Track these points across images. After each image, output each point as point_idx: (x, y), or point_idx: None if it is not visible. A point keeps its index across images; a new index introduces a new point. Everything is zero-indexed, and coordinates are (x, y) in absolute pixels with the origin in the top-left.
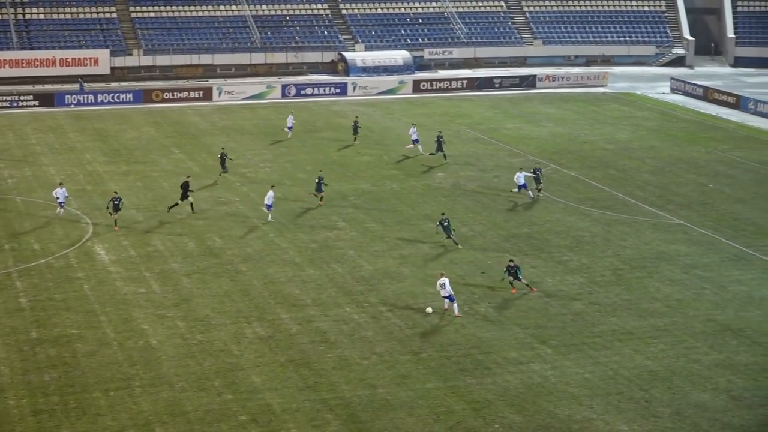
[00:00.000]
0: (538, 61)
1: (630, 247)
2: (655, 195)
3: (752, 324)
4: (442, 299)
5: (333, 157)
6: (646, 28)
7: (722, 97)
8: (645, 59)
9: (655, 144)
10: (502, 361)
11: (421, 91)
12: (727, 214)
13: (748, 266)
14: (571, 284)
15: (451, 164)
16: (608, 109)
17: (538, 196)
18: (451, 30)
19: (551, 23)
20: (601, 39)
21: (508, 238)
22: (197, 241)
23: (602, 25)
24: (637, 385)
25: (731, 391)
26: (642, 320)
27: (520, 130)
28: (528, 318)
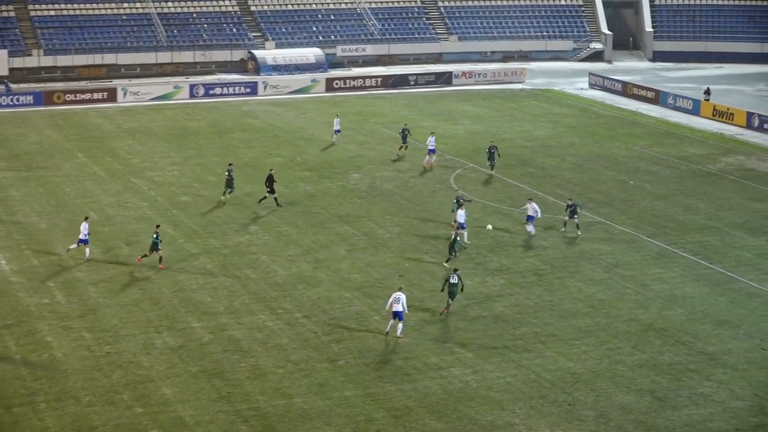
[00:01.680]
0: (454, 57)
1: (551, 247)
2: (575, 193)
3: (675, 323)
4: (391, 316)
5: (244, 159)
6: (564, 22)
7: (641, 93)
8: (562, 54)
9: (574, 141)
10: (422, 367)
11: (334, 90)
12: (648, 212)
13: (670, 264)
14: (491, 286)
15: (366, 165)
16: (526, 105)
17: (577, 234)
18: (364, 26)
19: (467, 18)
20: (518, 34)
21: (426, 240)
22: (103, 248)
23: (519, 20)
24: (560, 388)
25: (655, 392)
26: (564, 321)
27: (436, 129)
28: (448, 321)
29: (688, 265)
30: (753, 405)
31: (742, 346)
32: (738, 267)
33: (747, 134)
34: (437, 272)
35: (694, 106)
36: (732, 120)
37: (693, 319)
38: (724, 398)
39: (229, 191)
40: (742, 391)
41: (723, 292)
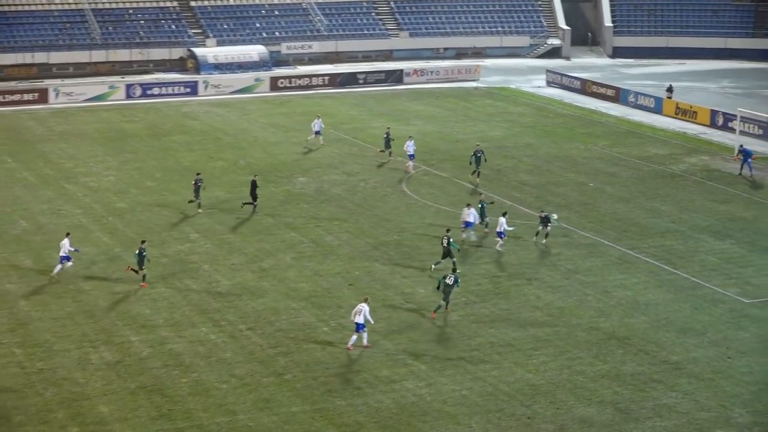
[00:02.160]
0: (404, 54)
1: (507, 253)
2: (532, 196)
3: (638, 331)
4: (355, 328)
5: (184, 163)
6: (519, 17)
7: (601, 90)
8: (519, 51)
9: (531, 141)
10: (373, 380)
11: (279, 89)
12: (608, 215)
13: (632, 269)
14: None
15: (313, 168)
16: (481, 104)
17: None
18: (310, 22)
19: (418, 14)
20: (471, 30)
21: (377, 246)
22: (35, 258)
23: (473, 16)
24: (518, 401)
25: (618, 403)
26: (522, 331)
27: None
28: (400, 332)
29: (650, 270)
30: (719, 416)
31: (708, 354)
32: (702, 272)
33: (711, 133)
34: (389, 280)
35: (656, 104)
36: (695, 118)
37: (656, 327)
38: (689, 409)
39: (196, 201)
40: (708, 401)
41: (687, 299)
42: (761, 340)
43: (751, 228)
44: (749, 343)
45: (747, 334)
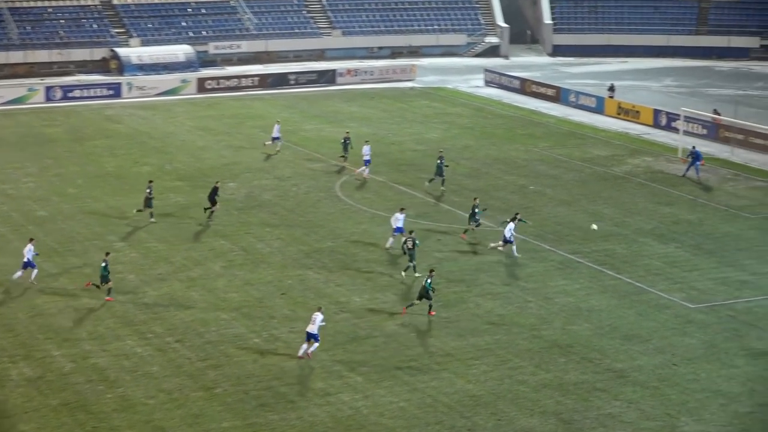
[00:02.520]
0: (337, 54)
1: (446, 259)
2: (472, 199)
3: (581, 339)
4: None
5: (107, 169)
6: (456, 15)
7: (541, 90)
8: (456, 50)
9: (470, 143)
10: (308, 393)
11: (206, 91)
12: (550, 219)
13: (574, 275)
14: (382, 303)
15: (243, 173)
16: (417, 105)
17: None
18: (238, 21)
19: (351, 11)
20: (407, 28)
21: (310, 253)
22: None
23: (408, 13)
24: (458, 413)
25: (561, 413)
26: (462, 340)
27: (320, 132)
28: (335, 343)
29: (593, 275)
30: (665, 425)
31: (653, 362)
32: (647, 276)
33: (654, 133)
34: (323, 289)
35: (597, 103)
36: (638, 118)
37: (600, 334)
38: (634, 419)
39: (148, 210)
40: (653, 410)
41: (631, 304)
42: (707, 346)
43: (695, 231)
44: (695, 349)
45: (692, 341)
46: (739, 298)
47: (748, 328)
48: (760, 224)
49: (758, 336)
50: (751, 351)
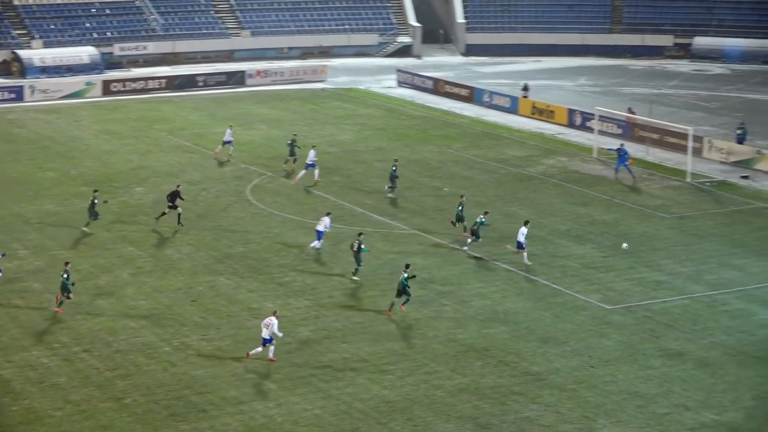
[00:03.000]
0: (247, 54)
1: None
2: (385, 202)
3: (497, 342)
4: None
5: (11, 174)
6: (368, 14)
7: (454, 90)
8: (367, 50)
9: (383, 145)
10: (220, 402)
11: (112, 93)
12: (465, 220)
13: (490, 277)
14: (294, 308)
15: (151, 177)
16: (329, 107)
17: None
18: (144, 22)
19: (260, 11)
20: (317, 28)
21: (221, 259)
22: None
23: (318, 13)
24: (374, 419)
25: (478, 418)
26: (377, 345)
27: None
28: (247, 350)
29: (509, 277)
30: (582, 427)
31: (570, 364)
32: (563, 278)
33: (569, 133)
34: (234, 295)
35: (511, 103)
36: (552, 118)
37: (516, 337)
38: (552, 422)
39: (93, 219)
40: (571, 413)
41: (548, 306)
42: (624, 347)
43: (611, 231)
44: (612, 351)
45: (609, 342)
46: (656, 298)
47: (665, 329)
48: (675, 224)
49: (675, 336)
50: (667, 352)
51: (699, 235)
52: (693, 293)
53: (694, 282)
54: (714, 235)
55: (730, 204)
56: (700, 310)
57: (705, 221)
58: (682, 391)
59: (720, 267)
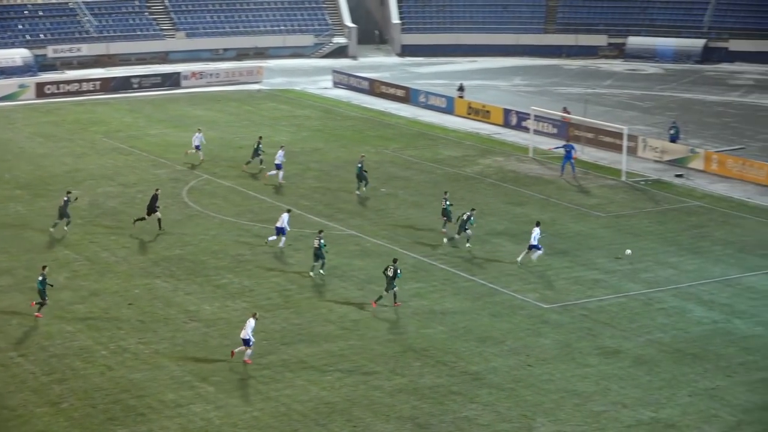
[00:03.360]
0: (182, 56)
1: (297, 264)
2: (322, 203)
3: (435, 342)
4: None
5: None
6: (303, 15)
7: (390, 91)
8: (303, 51)
9: (319, 146)
10: (158, 405)
11: (46, 96)
12: (402, 221)
13: (428, 277)
14: (232, 310)
15: (87, 180)
16: (265, 108)
17: None
18: (78, 23)
19: (195, 12)
20: (252, 29)
21: (158, 261)
22: None
23: (254, 14)
24: (313, 420)
25: (417, 418)
26: (315, 346)
27: (165, 137)
28: (185, 353)
29: (447, 277)
30: (521, 426)
31: (507, 363)
32: (500, 278)
33: (504, 133)
34: (171, 297)
35: (447, 104)
36: (488, 118)
37: (454, 337)
38: (491, 421)
39: (61, 219)
40: (509, 412)
41: (485, 306)
42: (561, 346)
43: (548, 230)
44: (549, 349)
45: (547, 341)
46: (592, 297)
47: (602, 327)
48: (610, 222)
49: (611, 335)
50: (604, 350)
51: (634, 234)
52: (629, 291)
53: (630, 280)
54: (649, 234)
55: (665, 202)
56: (636, 308)
57: (640, 220)
58: (619, 388)
59: (655, 265)
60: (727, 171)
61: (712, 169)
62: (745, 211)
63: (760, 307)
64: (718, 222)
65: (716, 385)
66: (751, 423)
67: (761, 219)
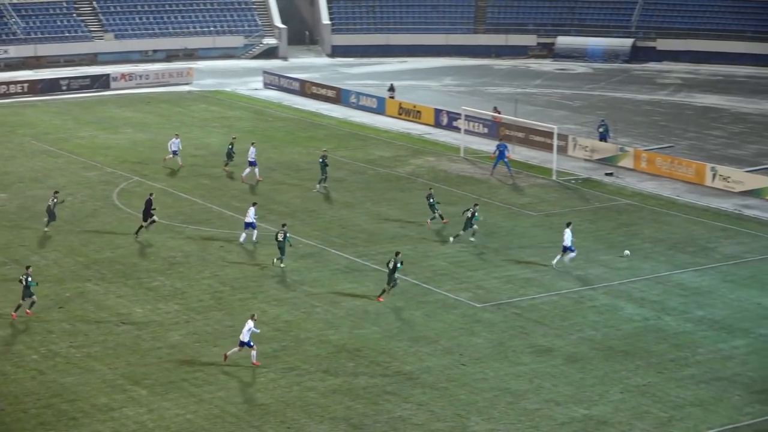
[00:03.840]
0: (111, 57)
1: (229, 266)
2: (250, 204)
3: (369, 342)
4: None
5: None
6: (233, 16)
7: (321, 91)
8: (233, 52)
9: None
10: (90, 409)
11: None
12: (334, 222)
13: (360, 278)
14: (164, 313)
15: (15, 183)
16: (195, 109)
17: None
18: (5, 25)
19: (124, 14)
20: (182, 30)
21: (89, 264)
22: None
23: (183, 15)
24: (246, 422)
25: (351, 418)
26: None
27: (95, 139)
28: (117, 356)
29: (380, 278)
30: (455, 425)
31: (441, 362)
32: (433, 278)
33: (436, 133)
34: (103, 300)
35: (378, 104)
36: (419, 118)
37: (388, 337)
38: (425, 420)
39: (49, 221)
40: (443, 411)
41: (418, 306)
42: (494, 345)
43: (480, 230)
44: (482, 348)
45: (480, 340)
46: (524, 295)
47: (534, 325)
48: (542, 221)
49: (543, 333)
50: (537, 348)
51: None
52: (561, 290)
53: (561, 278)
54: (580, 232)
55: (595, 201)
56: (568, 306)
57: (571, 218)
58: (551, 386)
59: (586, 263)
60: (656, 169)
61: (641, 167)
62: (674, 209)
63: (689, 304)
64: (647, 220)
65: (647, 382)
66: (682, 419)
67: (690, 216)
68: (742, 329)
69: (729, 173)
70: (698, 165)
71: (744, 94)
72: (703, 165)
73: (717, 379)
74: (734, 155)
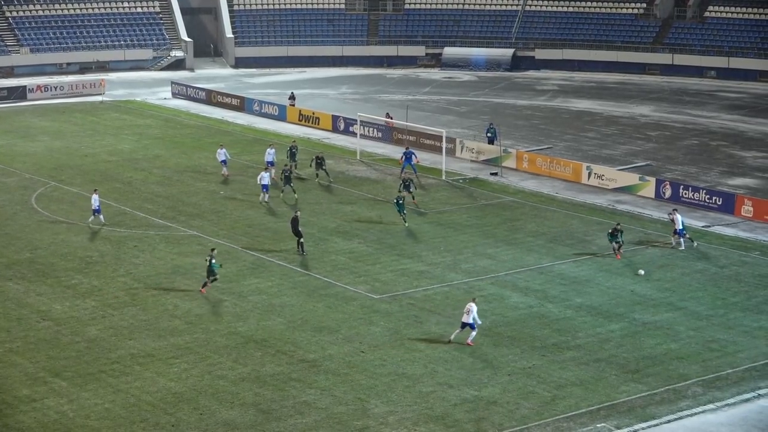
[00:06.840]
0: (27, 70)
1: (143, 264)
2: (165, 207)
3: (275, 333)
4: None
5: None
6: (142, 30)
7: (226, 100)
8: (143, 64)
9: (160, 153)
10: (13, 401)
11: None
12: (240, 221)
13: (266, 273)
14: (82, 309)
15: None
16: (108, 118)
17: None
18: None
19: (38, 29)
20: (94, 44)
21: (9, 265)
22: None
23: (95, 29)
24: (162, 410)
25: (259, 404)
26: (162, 340)
27: (12, 147)
28: (38, 350)
29: (284, 273)
30: (356, 408)
31: (342, 350)
32: (333, 272)
33: (334, 138)
34: (23, 299)
35: (279, 111)
36: (318, 124)
37: (292, 328)
38: (328, 404)
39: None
40: (345, 395)
41: (320, 298)
42: (391, 333)
43: (376, 227)
44: (380, 336)
45: (378, 329)
46: (418, 287)
47: (428, 314)
48: (433, 218)
49: (436, 321)
50: (430, 335)
51: (455, 228)
52: (452, 281)
53: (452, 271)
54: (468, 227)
55: (482, 199)
56: (458, 296)
57: (460, 215)
58: (445, 370)
59: (474, 256)
60: (537, 168)
61: (523, 167)
62: (553, 205)
63: (569, 292)
64: (530, 215)
65: (532, 365)
66: (564, 398)
67: (568, 212)
68: (618, 314)
69: (603, 172)
70: (575, 164)
71: (614, 99)
72: (579, 164)
73: (595, 360)
74: (607, 155)
